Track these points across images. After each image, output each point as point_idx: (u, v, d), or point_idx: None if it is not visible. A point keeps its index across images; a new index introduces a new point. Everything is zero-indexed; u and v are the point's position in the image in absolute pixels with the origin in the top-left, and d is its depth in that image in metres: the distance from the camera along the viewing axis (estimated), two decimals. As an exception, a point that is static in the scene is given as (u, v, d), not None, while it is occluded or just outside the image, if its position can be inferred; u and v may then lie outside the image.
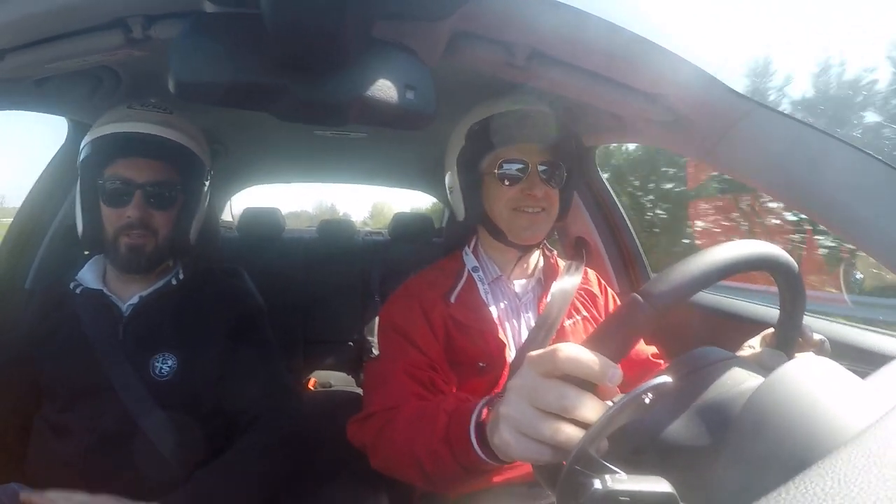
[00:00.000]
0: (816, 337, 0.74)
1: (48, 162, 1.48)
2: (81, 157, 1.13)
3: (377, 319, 1.18)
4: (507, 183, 1.14)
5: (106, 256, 1.18)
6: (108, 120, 1.12)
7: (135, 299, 1.16)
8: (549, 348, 0.49)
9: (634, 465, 0.43)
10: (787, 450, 0.40)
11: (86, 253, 1.27)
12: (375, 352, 1.18)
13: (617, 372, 0.46)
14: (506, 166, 1.14)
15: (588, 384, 0.46)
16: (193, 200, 1.20)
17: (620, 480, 0.40)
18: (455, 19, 0.83)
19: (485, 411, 0.70)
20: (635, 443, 0.48)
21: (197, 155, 1.18)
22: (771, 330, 0.73)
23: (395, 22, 0.83)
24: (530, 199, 1.13)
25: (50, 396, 1.11)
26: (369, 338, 2.31)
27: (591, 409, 0.46)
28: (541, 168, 1.14)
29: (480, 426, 0.68)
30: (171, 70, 0.74)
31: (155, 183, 1.13)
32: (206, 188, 1.23)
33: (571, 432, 0.46)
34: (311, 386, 2.21)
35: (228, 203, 3.27)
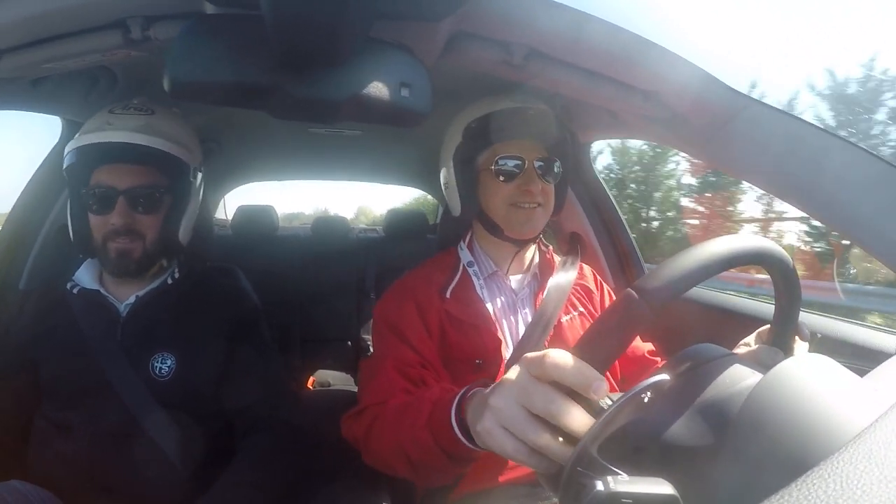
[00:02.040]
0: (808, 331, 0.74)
1: (41, 162, 1.47)
2: (66, 164, 1.11)
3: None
4: (503, 179, 1.15)
5: (98, 261, 1.18)
6: (90, 129, 1.10)
7: (131, 299, 1.16)
8: (541, 352, 0.49)
9: (634, 465, 0.43)
10: (786, 449, 0.40)
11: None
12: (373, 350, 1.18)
13: (602, 385, 0.46)
14: (502, 162, 1.14)
15: (577, 393, 0.46)
16: (181, 201, 1.18)
17: (622, 482, 0.40)
18: (453, 19, 0.82)
19: (468, 394, 0.71)
20: (635, 443, 0.48)
21: (179, 157, 1.14)
22: (767, 327, 0.73)
23: (394, 21, 0.82)
24: (527, 195, 1.14)
25: (50, 395, 1.11)
26: (365, 336, 2.30)
27: (576, 419, 0.46)
28: (537, 164, 1.15)
29: (460, 406, 0.70)
30: (166, 70, 0.74)
31: (137, 188, 1.11)
32: (195, 186, 1.21)
33: (550, 440, 0.47)
34: (309, 385, 2.20)
35: (222, 201, 3.25)
